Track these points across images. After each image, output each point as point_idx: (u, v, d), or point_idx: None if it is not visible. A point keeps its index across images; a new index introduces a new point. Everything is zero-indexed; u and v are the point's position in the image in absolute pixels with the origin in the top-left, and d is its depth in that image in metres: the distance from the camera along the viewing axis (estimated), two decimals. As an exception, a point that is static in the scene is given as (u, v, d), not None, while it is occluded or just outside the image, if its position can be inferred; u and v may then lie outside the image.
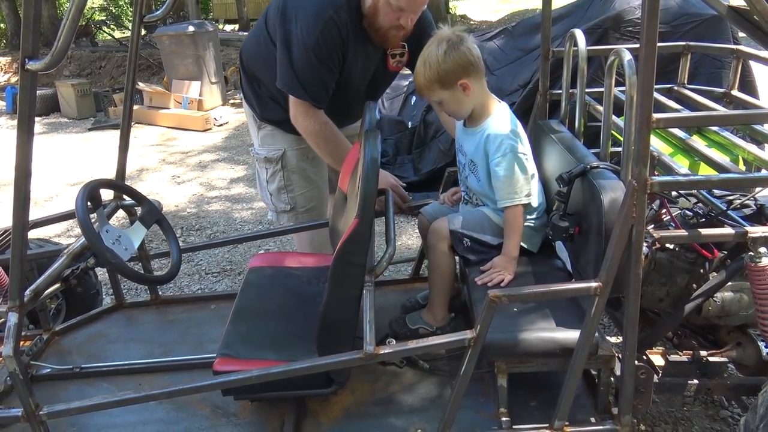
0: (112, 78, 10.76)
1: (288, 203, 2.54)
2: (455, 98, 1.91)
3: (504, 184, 1.90)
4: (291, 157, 2.48)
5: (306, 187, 2.52)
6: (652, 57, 1.37)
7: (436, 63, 1.85)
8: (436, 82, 1.87)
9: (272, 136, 2.51)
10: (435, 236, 2.02)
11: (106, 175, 5.50)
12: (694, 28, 3.31)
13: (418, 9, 2.16)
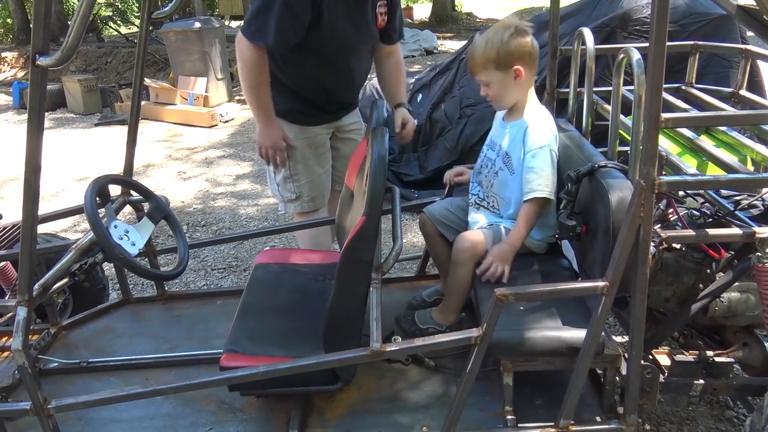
0: (118, 74, 10.78)
1: (294, 192, 2.60)
2: (505, 82, 1.93)
3: (536, 175, 1.90)
4: (296, 147, 2.53)
5: (310, 176, 2.58)
6: (662, 56, 1.36)
7: (499, 43, 1.89)
8: (494, 61, 1.90)
9: None
10: (466, 254, 1.97)
11: (112, 170, 5.54)
12: (702, 27, 3.29)
13: None
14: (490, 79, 1.95)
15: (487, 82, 1.96)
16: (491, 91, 1.97)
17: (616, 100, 1.82)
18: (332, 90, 2.51)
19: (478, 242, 1.97)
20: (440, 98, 4.27)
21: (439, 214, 2.21)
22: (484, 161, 2.13)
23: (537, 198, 1.90)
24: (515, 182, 1.98)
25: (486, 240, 1.97)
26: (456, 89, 4.22)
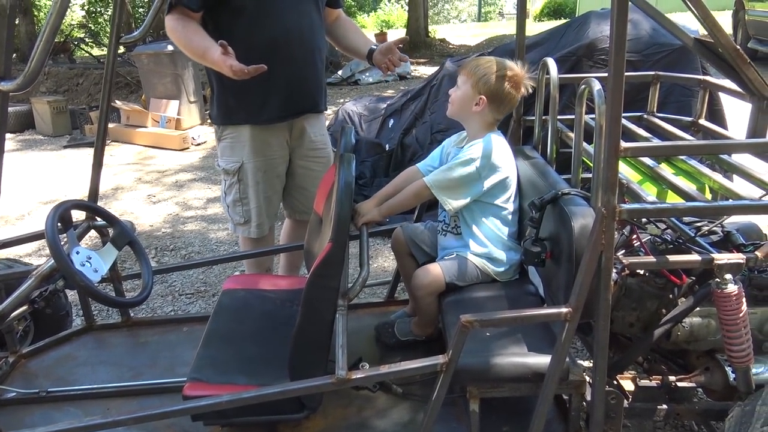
0: (89, 95, 10.67)
1: (242, 216, 2.57)
2: (468, 99, 2.04)
3: (444, 175, 2.00)
4: (247, 170, 2.50)
5: (259, 201, 2.53)
6: (620, 88, 1.40)
7: (490, 72, 2.01)
8: (477, 78, 2.01)
9: (231, 147, 2.52)
10: (425, 290, 2.03)
11: (80, 193, 5.46)
12: (665, 57, 3.40)
13: None
14: (461, 85, 2.06)
15: (460, 86, 2.06)
16: (455, 95, 2.08)
17: (579, 129, 1.86)
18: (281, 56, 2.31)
19: (436, 277, 2.01)
20: (411, 124, 4.32)
21: (412, 234, 2.24)
22: None
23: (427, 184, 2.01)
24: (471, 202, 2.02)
25: (445, 273, 2.00)
26: (427, 115, 4.27)
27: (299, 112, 2.48)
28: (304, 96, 2.46)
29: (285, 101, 2.40)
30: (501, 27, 21.06)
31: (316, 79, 2.48)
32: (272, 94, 2.37)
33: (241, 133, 2.47)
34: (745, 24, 9.80)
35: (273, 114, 2.41)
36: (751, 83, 1.82)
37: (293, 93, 2.41)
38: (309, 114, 2.53)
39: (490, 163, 1.99)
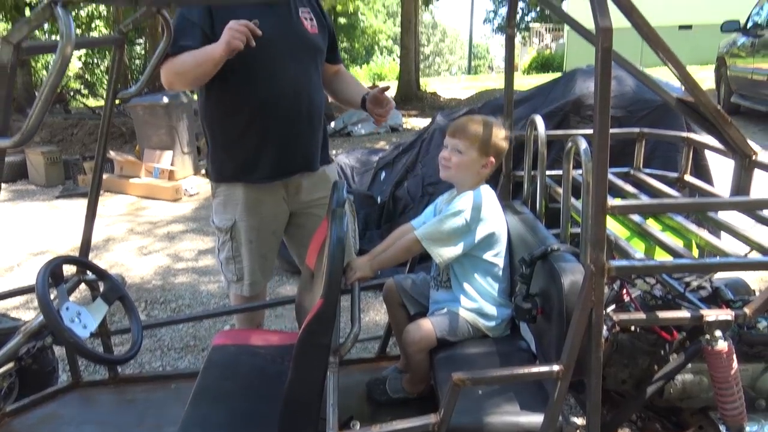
0: (83, 145, 10.75)
1: (234, 274, 2.54)
2: (474, 163, 2.06)
3: (434, 228, 2.02)
4: (240, 228, 2.48)
5: (252, 260, 2.51)
6: (605, 147, 1.44)
7: (495, 132, 2.06)
8: (481, 141, 2.05)
9: (224, 204, 2.50)
10: (415, 347, 2.02)
11: (70, 245, 5.44)
12: (650, 113, 3.48)
13: None
14: (465, 151, 2.05)
15: (461, 150, 2.05)
16: (457, 159, 2.06)
17: (567, 185, 1.90)
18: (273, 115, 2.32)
19: (427, 333, 2.00)
20: (403, 176, 4.37)
21: (405, 285, 2.25)
22: None
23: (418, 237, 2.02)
24: (461, 256, 2.03)
25: (436, 329, 2.00)
26: (419, 168, 4.32)
27: (292, 171, 2.45)
28: (296, 155, 2.43)
29: (277, 160, 2.39)
30: (491, 80, 21.55)
31: (310, 137, 2.46)
32: (263, 153, 2.37)
33: (234, 191, 2.45)
34: (728, 79, 10.08)
35: (264, 173, 2.40)
36: (733, 142, 1.87)
37: (285, 152, 2.40)
38: (305, 172, 2.49)
39: (479, 215, 2.01)
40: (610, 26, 1.31)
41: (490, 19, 42.97)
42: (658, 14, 24.21)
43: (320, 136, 2.54)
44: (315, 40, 2.41)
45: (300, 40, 2.36)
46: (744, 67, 9.38)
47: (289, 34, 2.33)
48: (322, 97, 2.51)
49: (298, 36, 2.35)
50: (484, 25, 45.86)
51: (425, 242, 2.02)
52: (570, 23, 1.84)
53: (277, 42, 2.28)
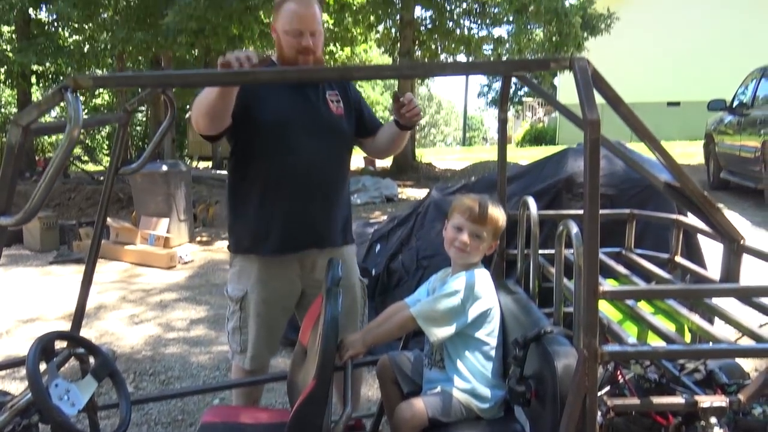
0: (80, 210, 10.80)
1: (239, 344, 2.54)
2: (485, 245, 2.13)
3: (429, 306, 2.05)
4: (250, 300, 2.50)
5: (258, 333, 2.51)
6: (595, 234, 1.47)
7: (504, 218, 2.17)
8: (497, 227, 2.15)
9: (238, 275, 2.54)
10: (406, 426, 1.99)
11: (62, 311, 5.38)
12: (640, 192, 3.54)
13: (309, 25, 2.34)
14: (485, 239, 2.12)
15: (481, 236, 2.12)
16: (477, 245, 2.11)
17: (560, 267, 1.92)
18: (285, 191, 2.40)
19: (419, 412, 1.98)
20: (398, 249, 4.39)
21: (399, 361, 2.24)
22: None
23: (412, 313, 2.04)
24: (454, 335, 2.04)
25: (428, 409, 1.98)
26: (413, 241, 4.35)
27: (301, 246, 2.47)
28: (307, 231, 2.45)
29: (286, 235, 2.42)
30: (485, 152, 21.99)
31: (323, 215, 2.47)
32: (273, 226, 2.42)
33: (248, 263, 2.50)
34: (716, 155, 10.31)
35: (274, 246, 2.43)
36: (721, 227, 1.91)
37: (295, 228, 2.43)
38: (319, 249, 2.50)
39: (473, 295, 2.04)
40: (598, 119, 1.36)
41: (484, 93, 44.27)
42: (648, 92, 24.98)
43: (337, 214, 2.54)
44: (338, 122, 2.50)
45: (322, 121, 2.45)
46: (732, 144, 9.62)
47: (312, 114, 2.44)
48: (341, 176, 2.54)
49: (320, 116, 2.45)
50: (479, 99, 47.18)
51: (420, 320, 2.04)
52: (561, 110, 1.91)
53: (298, 120, 2.40)
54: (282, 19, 2.38)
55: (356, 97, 2.62)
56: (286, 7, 2.37)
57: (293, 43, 2.35)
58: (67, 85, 1.33)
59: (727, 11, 22.29)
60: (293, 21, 2.34)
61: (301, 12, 2.34)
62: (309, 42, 2.35)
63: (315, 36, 2.37)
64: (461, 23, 14.37)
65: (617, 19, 12.73)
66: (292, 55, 2.36)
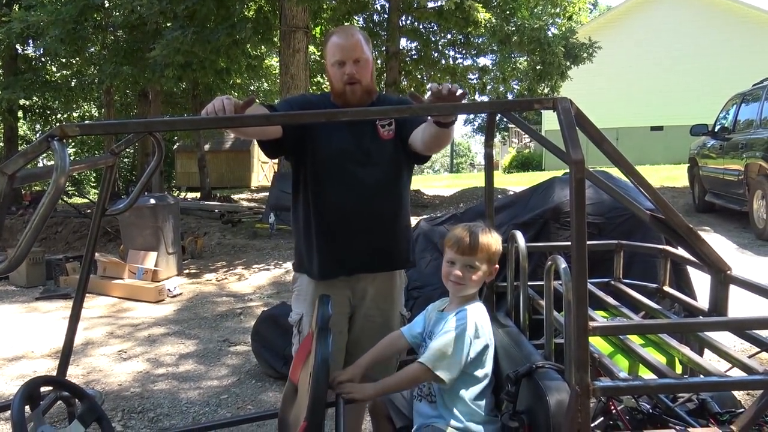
0: (67, 243, 10.72)
1: None
2: (483, 275, 2.10)
3: (435, 348, 1.98)
4: (305, 323, 2.54)
5: None
6: (584, 272, 1.48)
7: (496, 242, 2.12)
8: (493, 255, 2.11)
9: (297, 298, 2.62)
10: None
11: (47, 348, 5.30)
12: (627, 220, 3.58)
13: (351, 54, 2.37)
14: (479, 268, 2.09)
15: (477, 268, 2.09)
16: (473, 276, 2.09)
17: (549, 301, 1.93)
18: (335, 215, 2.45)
19: None
20: (388, 280, 4.38)
21: (392, 396, 2.22)
22: (422, 350, 2.17)
23: (424, 366, 1.97)
24: None
25: None
26: (403, 272, 4.34)
27: (345, 271, 2.50)
28: (354, 258, 2.48)
29: (333, 259, 2.48)
30: (472, 178, 22.12)
31: (370, 241, 2.49)
32: (318, 250, 2.48)
33: (304, 285, 2.57)
34: (701, 179, 10.44)
35: (319, 270, 2.49)
36: (708, 258, 1.93)
37: (340, 253, 2.47)
38: (367, 274, 2.53)
39: (476, 332, 2.03)
40: (583, 159, 1.38)
41: (470, 120, 44.71)
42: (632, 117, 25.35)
43: (387, 240, 2.54)
44: (388, 147, 2.49)
45: (370, 151, 2.47)
46: (715, 168, 9.76)
47: (361, 145, 2.47)
48: (393, 202, 2.54)
49: (371, 145, 2.47)
50: (465, 126, 47.62)
51: (435, 368, 1.97)
52: (547, 146, 1.94)
53: (347, 152, 2.45)
54: (329, 53, 2.45)
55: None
56: (330, 42, 2.45)
57: (338, 75, 2.40)
58: (54, 134, 1.34)
59: (709, 38, 22.84)
60: (336, 53, 2.40)
61: (342, 42, 2.40)
62: (352, 70, 2.38)
63: (359, 63, 2.40)
64: (446, 53, 14.58)
65: (599, 48, 12.96)
66: (340, 87, 2.41)
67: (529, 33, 11.54)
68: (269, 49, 14.03)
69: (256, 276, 7.90)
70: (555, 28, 14.40)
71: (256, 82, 17.25)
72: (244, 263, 8.66)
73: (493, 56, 14.39)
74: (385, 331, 2.60)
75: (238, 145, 24.77)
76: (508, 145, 31.47)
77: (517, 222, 3.65)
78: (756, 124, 8.68)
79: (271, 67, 17.35)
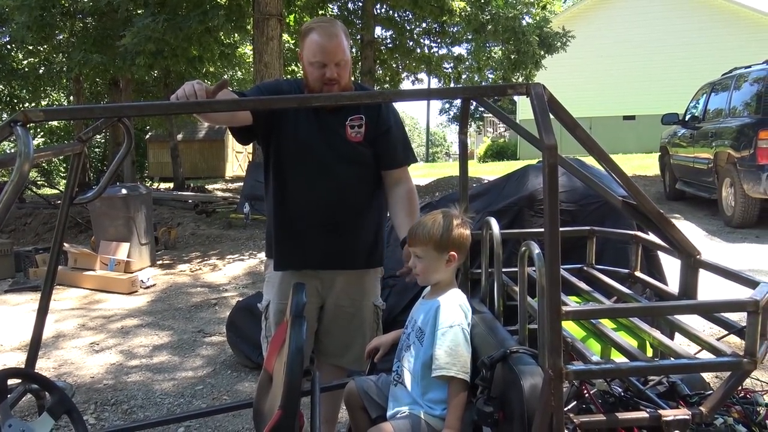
0: (36, 235, 10.51)
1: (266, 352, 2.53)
2: (437, 262, 2.08)
3: (445, 353, 1.96)
4: (272, 310, 2.56)
5: None
6: (557, 258, 1.49)
7: (446, 227, 2.06)
8: (436, 241, 2.05)
9: (266, 284, 2.65)
10: None
11: (17, 341, 5.20)
12: (599, 207, 3.61)
13: (333, 57, 2.34)
14: (424, 256, 2.09)
15: (421, 257, 2.10)
16: (421, 266, 2.11)
17: (523, 287, 1.94)
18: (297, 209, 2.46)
19: None
20: (363, 269, 4.37)
21: (366, 387, 2.22)
22: (403, 337, 2.19)
23: (450, 377, 1.94)
24: (423, 359, 2.03)
25: None
26: (379, 260, 4.34)
27: (317, 266, 2.51)
28: (319, 254, 2.48)
29: (297, 252, 2.49)
30: (448, 167, 22.19)
31: (334, 238, 2.47)
32: (290, 244, 2.49)
33: (274, 272, 2.57)
34: (671, 167, 10.61)
35: (283, 261, 2.52)
36: (678, 243, 1.95)
37: (307, 249, 2.48)
38: (335, 270, 2.54)
39: (465, 315, 2.06)
40: (555, 144, 1.39)
41: (446, 109, 44.85)
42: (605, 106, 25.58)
43: (356, 240, 2.53)
44: (353, 149, 2.46)
45: (335, 148, 2.44)
46: (685, 156, 9.92)
47: (328, 141, 2.44)
48: (358, 203, 2.51)
49: (335, 144, 2.44)
50: (441, 115, 47.74)
51: (461, 374, 1.95)
52: (520, 132, 1.94)
53: (313, 147, 2.43)
54: (306, 50, 2.38)
55: (387, 124, 2.52)
56: (310, 38, 2.37)
57: (317, 75, 2.36)
58: (17, 119, 1.30)
59: (679, 28, 23.14)
60: (317, 53, 2.34)
61: (324, 44, 2.34)
62: (333, 74, 2.35)
63: (340, 66, 2.37)
64: (421, 42, 14.57)
65: (573, 37, 13.06)
66: (318, 86, 2.37)
67: (503, 22, 11.58)
68: (242, 37, 13.85)
69: (230, 266, 7.83)
70: (529, 17, 14.46)
71: (229, 70, 17.03)
72: (219, 253, 8.58)
73: (468, 45, 14.43)
74: (357, 321, 2.61)
75: (212, 134, 24.47)
76: (483, 135, 31.63)
77: (492, 210, 3.67)
78: (725, 113, 8.83)
79: (244, 56, 17.15)
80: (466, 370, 1.97)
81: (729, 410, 1.85)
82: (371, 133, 2.48)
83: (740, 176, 7.78)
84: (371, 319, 2.68)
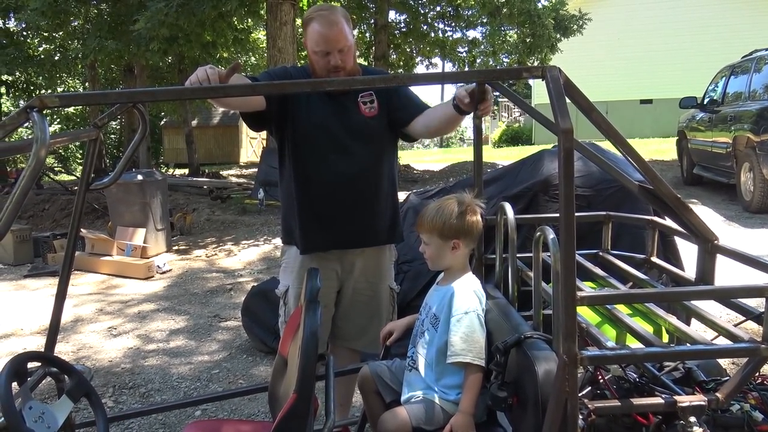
0: (54, 221, 10.63)
1: None
2: (443, 249, 2.10)
3: (461, 340, 1.97)
4: (290, 295, 2.58)
5: None
6: (572, 242, 1.48)
7: (448, 215, 2.07)
8: (438, 230, 2.08)
9: (284, 270, 2.66)
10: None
11: (37, 325, 5.29)
12: (616, 192, 3.58)
13: (336, 45, 2.36)
14: (430, 242, 2.12)
15: (428, 243, 2.13)
16: (428, 252, 2.14)
17: (538, 272, 1.93)
18: (318, 190, 2.47)
19: (403, 422, 1.98)
20: (377, 254, 4.37)
21: (380, 371, 2.23)
22: (418, 323, 2.20)
23: (466, 363, 1.96)
24: (438, 344, 2.04)
25: (412, 418, 1.98)
26: (393, 246, 4.34)
27: (328, 246, 2.52)
28: (341, 232, 2.51)
29: (317, 234, 2.50)
30: (462, 153, 22.08)
31: (353, 217, 2.50)
32: (303, 226, 2.50)
33: (291, 257, 2.59)
34: (689, 152, 10.47)
35: (303, 243, 2.52)
36: (695, 227, 1.93)
37: (323, 228, 2.49)
38: (356, 249, 2.56)
39: (480, 301, 2.07)
40: (571, 128, 1.37)
41: (460, 93, 44.35)
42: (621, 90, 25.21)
43: (376, 215, 2.56)
44: (370, 124, 2.50)
45: (352, 127, 2.47)
46: (704, 141, 9.78)
47: (344, 120, 2.47)
48: (377, 178, 2.54)
49: (351, 122, 2.48)
50: (455, 99, 47.12)
51: (476, 360, 1.96)
52: (535, 116, 1.92)
53: (330, 128, 2.45)
54: (309, 39, 2.41)
55: (395, 89, 2.55)
56: (311, 28, 2.40)
57: (323, 64, 2.39)
58: (33, 104, 1.31)
59: (697, 10, 22.71)
60: (319, 43, 2.36)
61: (325, 32, 2.35)
62: (338, 61, 2.37)
63: (343, 52, 2.38)
64: (435, 26, 14.42)
65: (589, 20, 12.87)
66: (324, 74, 2.40)
67: (519, 5, 11.44)
68: (256, 22, 13.82)
69: (245, 252, 7.88)
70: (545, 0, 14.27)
71: (243, 55, 17.02)
72: (234, 239, 8.63)
73: (482, 29, 14.26)
74: (374, 304, 2.63)
75: (227, 120, 24.53)
76: (498, 120, 31.42)
77: (507, 195, 3.64)
78: (744, 97, 8.68)
79: (258, 41, 17.12)
80: (481, 356, 1.97)
81: (746, 396, 1.83)
82: (380, 108, 2.53)
83: (760, 160, 7.66)
84: (387, 302, 2.71)
